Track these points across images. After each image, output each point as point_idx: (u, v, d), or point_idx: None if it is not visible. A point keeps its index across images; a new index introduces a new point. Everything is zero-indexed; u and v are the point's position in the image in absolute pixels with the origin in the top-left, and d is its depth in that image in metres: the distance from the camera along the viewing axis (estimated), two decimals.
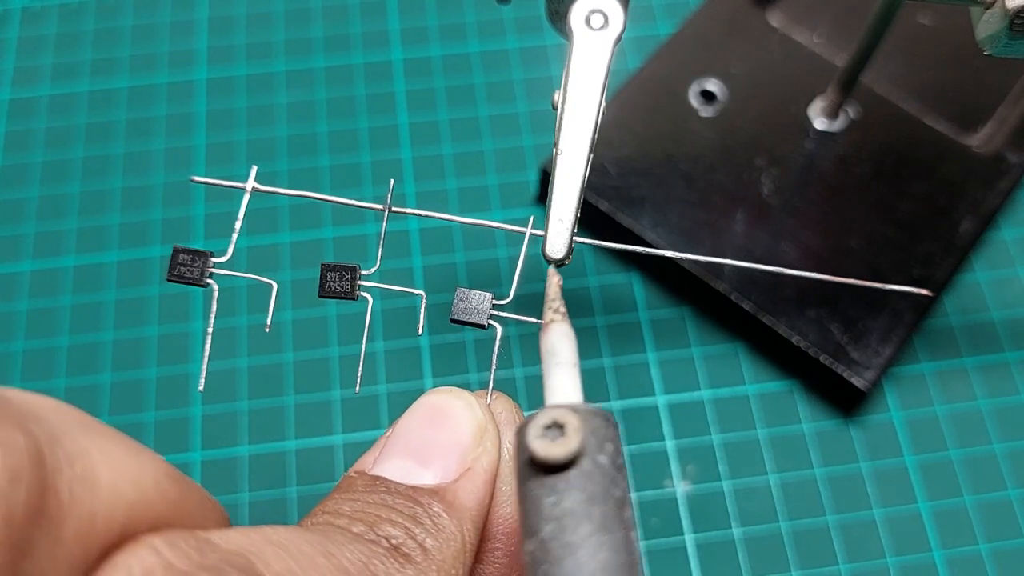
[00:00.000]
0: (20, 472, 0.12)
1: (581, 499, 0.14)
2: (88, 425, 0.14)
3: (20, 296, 0.41)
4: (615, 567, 0.14)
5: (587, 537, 0.14)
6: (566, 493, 0.14)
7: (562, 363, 0.17)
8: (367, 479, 0.19)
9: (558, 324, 0.17)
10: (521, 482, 0.15)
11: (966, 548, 0.36)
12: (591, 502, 0.14)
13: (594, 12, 0.22)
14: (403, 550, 0.17)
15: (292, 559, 0.15)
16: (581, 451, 0.15)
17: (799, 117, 0.42)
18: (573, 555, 0.14)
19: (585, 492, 0.14)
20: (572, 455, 0.15)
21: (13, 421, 0.12)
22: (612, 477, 0.15)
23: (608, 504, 0.14)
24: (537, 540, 0.14)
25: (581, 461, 0.15)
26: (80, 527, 0.13)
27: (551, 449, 0.15)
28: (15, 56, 0.48)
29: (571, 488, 0.14)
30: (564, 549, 0.14)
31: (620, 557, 0.14)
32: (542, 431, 0.15)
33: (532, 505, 0.15)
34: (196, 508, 0.16)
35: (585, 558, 0.14)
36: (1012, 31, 0.25)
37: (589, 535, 0.14)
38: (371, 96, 0.46)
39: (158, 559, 0.13)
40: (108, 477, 0.13)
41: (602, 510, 0.14)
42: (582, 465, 0.15)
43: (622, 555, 0.14)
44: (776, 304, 0.38)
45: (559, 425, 0.15)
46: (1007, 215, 0.43)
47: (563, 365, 0.17)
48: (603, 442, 0.15)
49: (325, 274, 0.21)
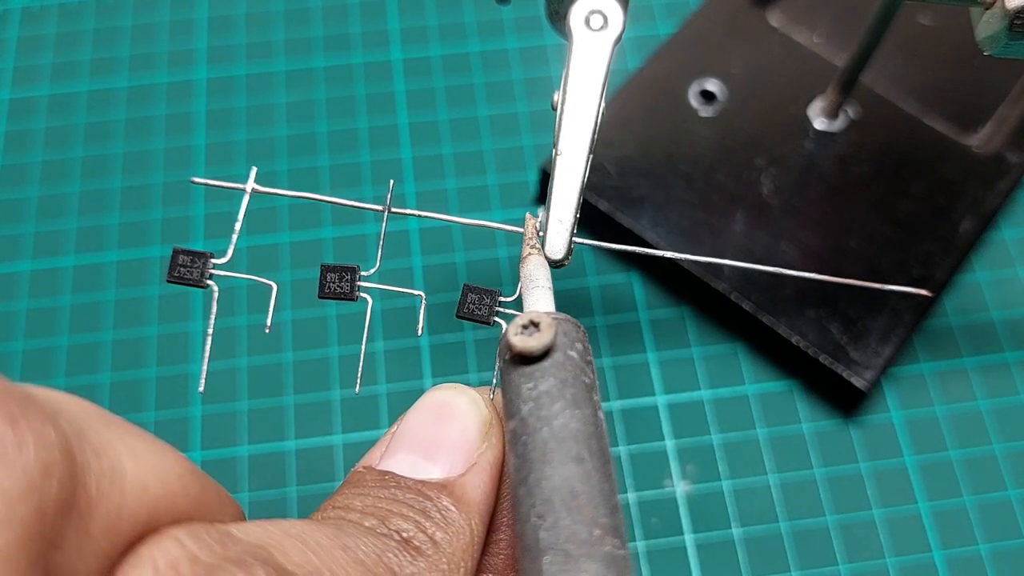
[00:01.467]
0: (52, 466, 0.12)
1: (555, 383, 0.17)
2: (111, 421, 0.14)
3: (20, 296, 0.41)
4: (585, 435, 0.16)
5: (560, 411, 0.16)
6: (542, 379, 0.17)
7: (539, 287, 0.20)
8: (376, 474, 0.19)
9: (534, 256, 0.21)
10: (504, 377, 0.17)
11: (966, 548, 0.36)
12: (563, 385, 0.17)
13: (594, 12, 0.22)
14: (414, 543, 0.17)
15: (311, 551, 0.15)
16: (553, 344, 0.17)
17: (799, 117, 0.42)
18: (548, 425, 0.16)
19: (558, 377, 0.17)
20: (546, 347, 0.17)
21: (43, 416, 0.12)
22: (581, 367, 0.17)
23: (578, 387, 0.17)
24: (518, 418, 0.17)
25: (554, 353, 0.17)
26: (107, 520, 0.13)
27: (528, 342, 0.17)
28: (15, 56, 0.48)
29: (546, 375, 0.17)
30: (540, 421, 0.16)
31: (588, 427, 0.16)
32: (520, 329, 0.17)
33: (513, 392, 0.17)
34: (215, 503, 0.16)
35: (558, 427, 0.16)
36: (1012, 31, 0.25)
37: (562, 409, 0.16)
38: (371, 96, 0.46)
39: (182, 551, 0.14)
40: (133, 472, 0.14)
41: (573, 391, 0.17)
42: (555, 356, 0.17)
43: (590, 426, 0.16)
44: (776, 304, 0.38)
45: (535, 324, 0.17)
46: (1007, 215, 0.43)
47: (539, 288, 0.20)
48: (573, 341, 0.17)
49: (325, 275, 0.21)
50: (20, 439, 0.12)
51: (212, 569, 0.13)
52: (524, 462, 0.16)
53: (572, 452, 0.16)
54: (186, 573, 0.13)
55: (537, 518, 0.15)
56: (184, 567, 0.13)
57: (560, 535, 0.15)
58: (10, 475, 0.11)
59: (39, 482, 0.12)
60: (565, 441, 0.16)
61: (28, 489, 0.11)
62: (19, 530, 0.11)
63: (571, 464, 0.15)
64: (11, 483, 0.11)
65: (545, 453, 0.16)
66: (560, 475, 0.15)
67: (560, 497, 0.15)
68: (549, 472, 0.15)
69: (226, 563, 0.14)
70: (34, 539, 0.11)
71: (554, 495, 0.15)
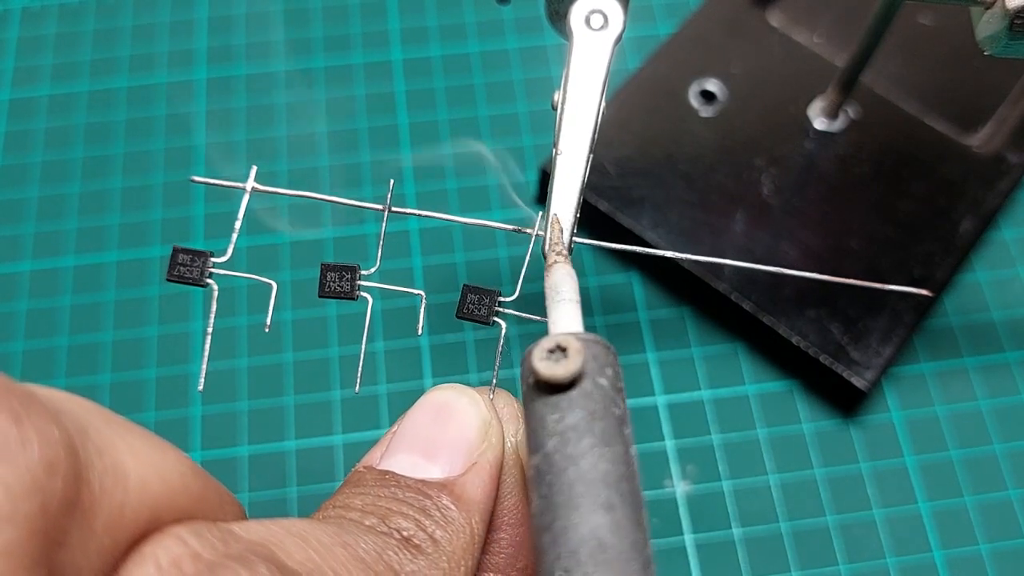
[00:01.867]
0: (56, 463, 0.12)
1: (583, 416, 0.15)
2: (113, 420, 0.14)
3: (20, 296, 0.41)
4: (615, 477, 0.15)
5: (589, 449, 0.15)
6: (569, 411, 0.15)
7: (565, 299, 0.18)
8: (376, 473, 0.19)
9: (561, 265, 0.19)
10: (527, 404, 0.16)
11: (966, 548, 0.36)
12: (592, 418, 0.15)
13: (594, 12, 0.22)
14: (414, 542, 0.17)
15: (312, 549, 0.15)
16: (582, 372, 0.16)
17: (799, 117, 0.42)
18: (575, 465, 0.15)
19: (587, 409, 0.15)
20: (574, 375, 0.15)
21: (47, 414, 0.12)
22: (612, 397, 0.16)
23: (608, 420, 0.15)
24: (542, 454, 0.15)
25: (583, 381, 0.16)
26: (110, 518, 0.13)
27: (555, 369, 0.15)
28: (15, 56, 0.48)
29: (574, 406, 0.15)
30: (567, 460, 0.15)
31: (619, 468, 0.15)
32: (546, 354, 0.16)
33: (538, 423, 0.16)
34: (216, 501, 0.16)
35: (586, 467, 0.15)
36: (1012, 31, 0.25)
37: (591, 447, 0.15)
38: (371, 96, 0.46)
39: (185, 549, 0.14)
40: (135, 470, 0.14)
41: (603, 425, 0.15)
42: (583, 385, 0.16)
43: (621, 466, 0.15)
44: (776, 304, 0.38)
45: (562, 348, 0.16)
46: (1007, 215, 0.43)
47: (566, 301, 0.18)
48: (603, 366, 0.16)
49: (325, 274, 0.21)
50: (24, 436, 0.12)
51: (215, 566, 0.13)
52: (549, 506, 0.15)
53: (601, 498, 0.14)
54: (189, 570, 0.13)
55: (563, 572, 0.14)
56: (187, 564, 0.13)
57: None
58: (14, 472, 0.11)
59: (43, 479, 0.12)
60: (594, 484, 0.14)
61: (32, 486, 0.11)
62: (23, 527, 0.11)
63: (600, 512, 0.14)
64: (15, 480, 0.11)
65: (571, 498, 0.14)
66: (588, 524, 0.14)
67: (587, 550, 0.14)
68: (576, 520, 0.14)
69: (228, 560, 0.14)
70: (38, 536, 0.11)
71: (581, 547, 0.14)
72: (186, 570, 0.13)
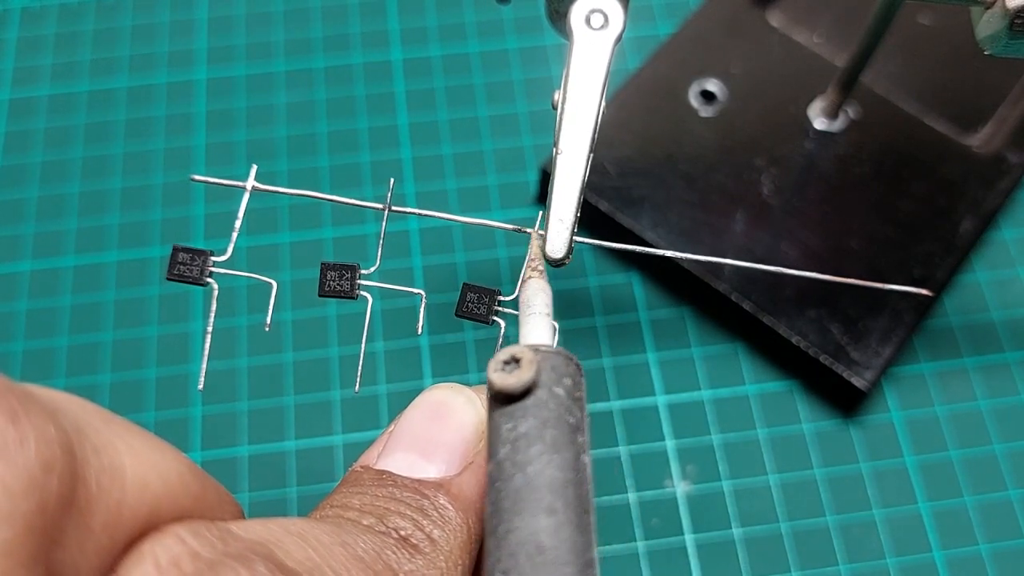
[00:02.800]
0: (53, 462, 0.12)
1: (535, 424, 0.16)
2: (111, 419, 0.14)
3: (20, 296, 0.41)
4: (561, 483, 0.15)
5: (537, 456, 0.15)
6: (522, 419, 0.16)
7: (535, 313, 0.19)
8: (373, 473, 0.19)
9: (535, 280, 0.20)
10: (488, 414, 0.17)
11: (966, 548, 0.36)
12: (544, 426, 0.16)
13: (594, 12, 0.22)
14: (412, 541, 0.17)
15: (311, 548, 0.15)
16: (535, 382, 0.16)
17: (799, 117, 0.42)
18: (523, 471, 0.15)
19: (539, 418, 0.16)
20: (526, 385, 0.16)
21: (44, 413, 0.12)
22: (567, 406, 0.16)
23: (560, 428, 0.16)
24: (495, 462, 0.16)
25: (537, 391, 0.16)
26: (108, 517, 0.13)
27: (506, 380, 0.16)
28: (15, 56, 0.48)
29: (527, 415, 0.16)
30: (515, 467, 0.15)
31: (567, 474, 0.15)
32: (501, 365, 0.16)
33: (493, 432, 0.16)
34: (215, 501, 0.16)
35: (533, 474, 0.15)
36: (1012, 31, 0.25)
37: (539, 454, 0.15)
38: (371, 96, 0.46)
39: (184, 548, 0.14)
40: (133, 469, 0.14)
41: (554, 433, 0.16)
42: (538, 394, 0.16)
43: (569, 473, 0.15)
44: (776, 304, 0.38)
45: (516, 360, 0.16)
46: (1007, 215, 0.43)
47: (536, 315, 0.19)
48: (561, 377, 0.16)
49: (325, 273, 0.21)
50: (21, 435, 0.12)
51: (213, 565, 0.13)
52: (496, 510, 0.15)
53: (544, 503, 0.15)
54: (188, 569, 0.13)
55: (501, 574, 0.14)
56: (186, 563, 0.13)
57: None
58: (11, 471, 0.11)
59: (40, 478, 0.12)
60: (538, 490, 0.15)
61: (29, 485, 0.11)
62: (20, 526, 0.11)
63: (541, 516, 0.15)
64: (12, 479, 0.11)
65: (516, 503, 0.15)
66: (528, 528, 0.15)
67: (525, 552, 0.14)
68: (517, 523, 0.15)
69: (227, 559, 0.14)
70: (35, 535, 0.11)
71: (519, 549, 0.14)
72: (185, 569, 0.13)
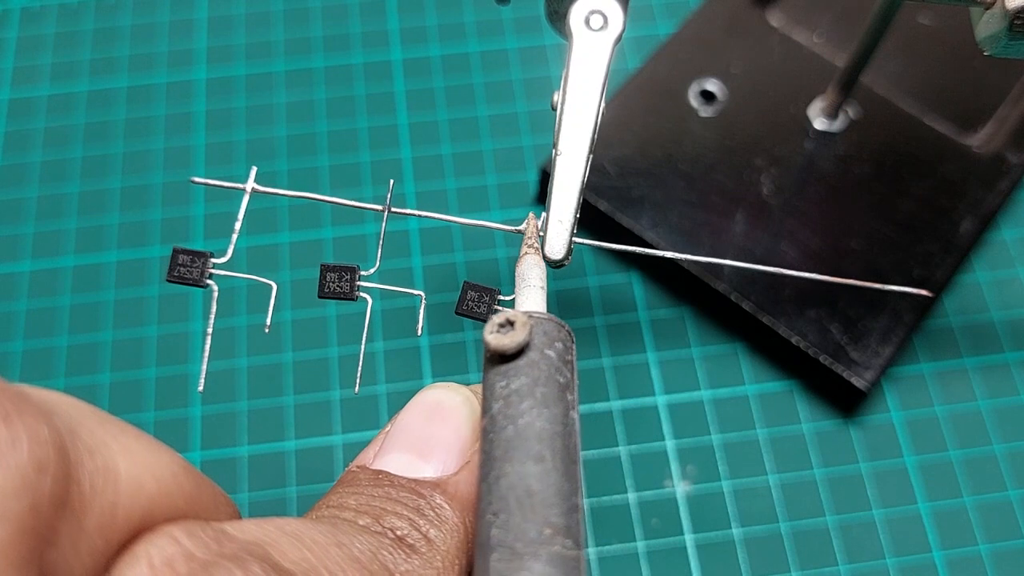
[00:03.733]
0: (46, 462, 0.12)
1: (527, 382, 0.17)
2: (105, 420, 0.14)
3: (19, 296, 0.41)
4: (550, 434, 0.16)
5: (528, 410, 0.16)
6: (514, 377, 0.17)
7: (530, 286, 0.20)
8: (370, 473, 0.19)
9: (530, 256, 0.21)
10: (484, 375, 0.18)
11: (966, 549, 0.36)
12: (535, 383, 0.17)
13: (593, 12, 0.22)
14: (408, 541, 0.17)
15: (306, 548, 0.15)
16: (528, 343, 0.17)
17: (799, 117, 0.42)
18: (514, 423, 0.16)
19: (530, 376, 0.17)
20: (519, 345, 0.17)
21: (37, 413, 0.12)
22: (557, 367, 0.17)
23: (551, 386, 0.17)
24: (488, 416, 0.17)
25: (529, 352, 0.17)
26: (102, 518, 0.13)
27: (501, 340, 0.17)
28: (14, 56, 0.48)
29: (519, 373, 0.17)
30: (507, 419, 0.16)
31: (556, 427, 0.16)
32: (497, 327, 0.17)
33: (488, 389, 0.17)
34: (210, 501, 0.16)
35: (523, 425, 0.16)
36: (1012, 31, 0.25)
37: (530, 408, 0.16)
38: (371, 96, 0.46)
39: (178, 548, 0.14)
40: (127, 469, 0.14)
41: (544, 391, 0.17)
42: (530, 355, 0.17)
43: (557, 426, 0.16)
44: (776, 304, 0.38)
45: (511, 322, 0.17)
46: (1007, 215, 0.43)
47: (531, 287, 0.20)
48: (553, 340, 0.17)
49: (325, 274, 0.21)
50: (14, 436, 0.12)
51: (208, 566, 0.13)
52: (487, 459, 0.16)
53: (533, 451, 0.16)
54: (182, 570, 0.13)
55: (492, 515, 0.15)
56: (180, 564, 0.13)
57: (510, 533, 0.15)
58: (4, 471, 0.11)
59: (33, 478, 0.12)
60: (528, 440, 0.16)
61: (22, 485, 0.11)
62: (13, 526, 0.11)
63: (530, 463, 0.16)
64: (5, 479, 0.11)
65: (507, 451, 0.16)
66: (517, 473, 0.15)
67: (515, 495, 0.15)
68: (508, 470, 0.16)
69: (222, 560, 0.14)
70: (28, 535, 0.11)
71: (509, 493, 0.15)
72: (179, 569, 0.13)
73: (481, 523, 0.15)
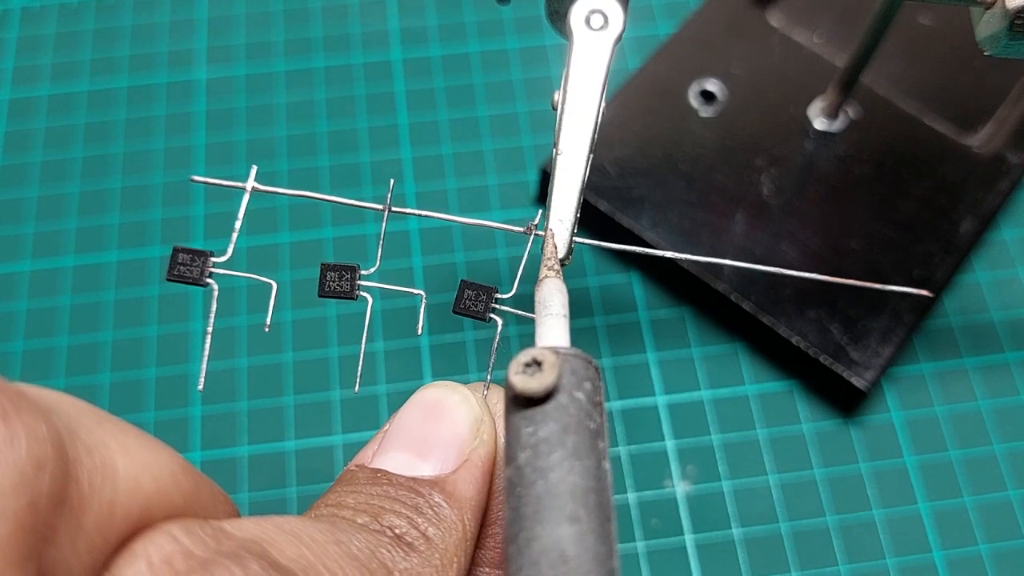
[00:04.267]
0: (45, 460, 0.12)
1: (556, 429, 0.15)
2: (103, 419, 0.14)
3: (20, 296, 0.41)
4: (583, 490, 0.15)
5: (559, 462, 0.15)
6: (543, 424, 0.15)
7: (552, 314, 0.18)
8: (368, 472, 0.19)
9: (551, 280, 0.19)
10: (506, 416, 0.16)
11: (966, 549, 0.36)
12: (565, 431, 0.15)
13: (594, 12, 0.22)
14: (407, 539, 0.17)
15: (305, 546, 0.15)
16: (557, 385, 0.16)
17: (799, 117, 0.42)
18: (544, 478, 0.15)
19: (560, 423, 0.15)
20: (548, 389, 0.16)
21: (35, 411, 0.12)
22: (587, 411, 0.16)
23: (582, 434, 0.15)
24: (514, 466, 0.15)
25: (558, 395, 0.16)
26: (100, 515, 0.13)
27: (529, 383, 0.16)
28: (15, 56, 0.48)
29: (548, 419, 0.15)
30: (536, 473, 0.15)
31: (589, 482, 0.15)
32: (523, 368, 0.16)
33: (512, 435, 0.16)
34: (208, 499, 0.16)
35: (555, 480, 0.15)
36: (1012, 31, 0.25)
37: (561, 460, 0.15)
38: (371, 96, 0.46)
39: (176, 546, 0.14)
40: (125, 468, 0.14)
41: (575, 439, 0.15)
42: (559, 399, 0.16)
43: (590, 480, 0.15)
44: (776, 304, 0.38)
45: (538, 362, 0.16)
46: (1007, 215, 0.43)
47: (553, 316, 0.18)
48: (582, 380, 0.16)
49: (325, 274, 0.21)
50: (12, 433, 0.12)
51: (206, 563, 0.13)
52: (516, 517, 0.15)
53: (567, 511, 0.15)
54: (180, 567, 0.13)
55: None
56: (178, 561, 0.13)
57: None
58: (2, 469, 0.11)
59: (31, 476, 0.12)
60: (560, 497, 0.15)
61: (20, 483, 0.11)
62: (12, 524, 0.11)
63: (564, 524, 0.14)
64: (3, 477, 0.11)
65: (538, 510, 0.15)
66: (551, 536, 0.14)
67: (548, 561, 0.14)
68: (539, 532, 0.14)
69: (220, 557, 0.14)
70: (27, 533, 0.11)
71: (542, 558, 0.14)
72: (178, 567, 0.13)
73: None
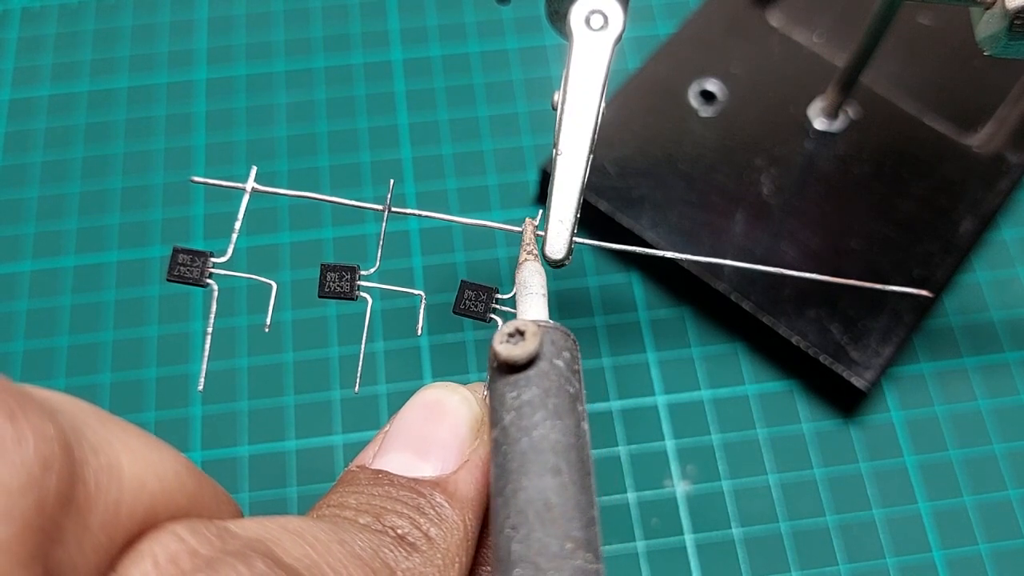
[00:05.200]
0: (51, 460, 0.12)
1: (538, 392, 0.17)
2: (108, 419, 0.14)
3: (20, 296, 0.41)
4: (564, 446, 0.16)
5: (541, 422, 0.16)
6: (525, 388, 0.17)
7: (532, 293, 0.20)
8: (369, 473, 0.19)
9: (530, 262, 0.21)
10: (491, 384, 0.18)
11: (966, 548, 0.36)
12: (547, 394, 0.17)
13: (594, 12, 0.22)
14: (409, 539, 0.18)
15: (308, 546, 0.16)
16: (538, 353, 0.17)
17: (799, 117, 0.42)
18: (528, 435, 0.16)
19: (541, 387, 0.17)
20: (530, 356, 0.17)
21: (42, 412, 0.12)
22: (567, 377, 0.17)
23: (562, 397, 0.17)
24: (500, 428, 0.17)
25: (539, 362, 0.17)
26: (106, 515, 0.13)
27: (512, 351, 0.17)
28: (15, 56, 0.48)
29: (530, 384, 0.17)
30: (520, 431, 0.16)
31: (569, 439, 0.16)
32: (506, 337, 0.17)
33: (497, 400, 0.17)
34: (212, 500, 0.16)
35: (538, 437, 0.16)
36: (1012, 31, 0.25)
37: (543, 419, 0.16)
38: (371, 96, 0.46)
39: (182, 546, 0.14)
40: (130, 468, 0.14)
41: (556, 401, 0.17)
42: (540, 365, 0.17)
43: (571, 438, 0.16)
44: (776, 304, 0.38)
45: (520, 332, 0.17)
46: (1007, 215, 0.43)
47: (533, 295, 0.20)
48: (561, 350, 0.17)
49: (325, 274, 0.21)
50: (19, 434, 0.12)
51: (212, 562, 0.14)
52: (502, 472, 0.16)
53: (549, 463, 0.16)
54: (186, 566, 0.13)
55: (511, 529, 0.15)
56: (184, 561, 0.13)
57: (531, 548, 0.15)
58: (9, 469, 0.11)
59: (38, 476, 0.12)
60: (543, 452, 0.16)
61: (27, 483, 0.11)
62: (19, 523, 0.11)
63: (547, 476, 0.15)
64: (10, 477, 0.11)
65: (523, 464, 0.16)
66: (535, 487, 0.15)
67: (534, 509, 0.15)
68: (525, 483, 0.15)
69: (226, 556, 0.14)
70: (34, 532, 0.11)
71: (528, 507, 0.15)
72: (183, 566, 0.13)
73: (500, 538, 0.15)
